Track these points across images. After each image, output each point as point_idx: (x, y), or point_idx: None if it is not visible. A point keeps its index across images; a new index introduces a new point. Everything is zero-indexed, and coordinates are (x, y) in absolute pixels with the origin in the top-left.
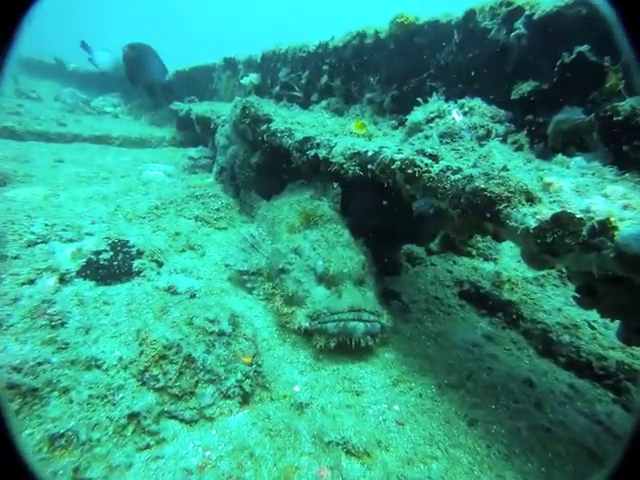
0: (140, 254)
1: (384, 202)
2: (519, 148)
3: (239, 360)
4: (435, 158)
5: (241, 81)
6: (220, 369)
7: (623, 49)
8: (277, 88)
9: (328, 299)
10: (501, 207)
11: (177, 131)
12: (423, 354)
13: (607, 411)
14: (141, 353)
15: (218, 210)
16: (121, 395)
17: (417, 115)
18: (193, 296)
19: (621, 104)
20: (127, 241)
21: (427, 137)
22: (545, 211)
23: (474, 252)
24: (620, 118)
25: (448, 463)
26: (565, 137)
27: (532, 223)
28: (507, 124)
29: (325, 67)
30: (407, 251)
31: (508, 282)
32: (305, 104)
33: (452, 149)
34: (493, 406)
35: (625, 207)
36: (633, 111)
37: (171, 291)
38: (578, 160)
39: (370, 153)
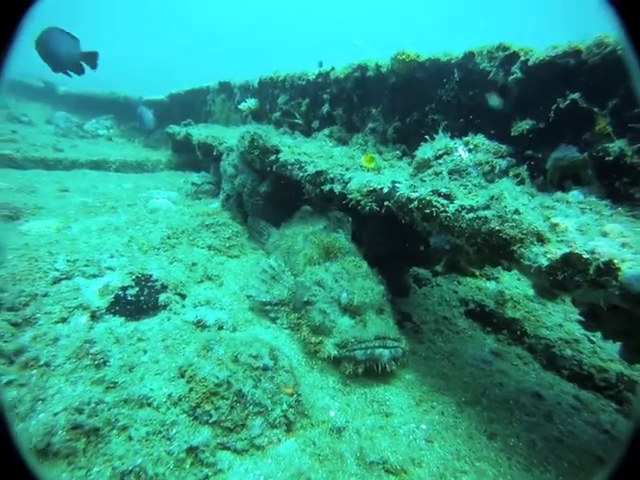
0: (164, 288)
1: (394, 230)
2: (521, 182)
3: (282, 391)
4: (449, 197)
5: (239, 106)
6: (267, 401)
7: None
8: (277, 114)
9: (354, 328)
10: (515, 247)
11: (173, 154)
12: (439, 374)
13: (611, 420)
14: (190, 390)
15: (229, 238)
16: (175, 430)
17: (426, 152)
18: (221, 328)
19: (611, 145)
20: (150, 275)
21: (437, 173)
22: (554, 250)
23: (477, 272)
24: (611, 158)
25: (476, 476)
26: (562, 172)
27: (544, 262)
28: (509, 159)
29: (326, 96)
30: (413, 273)
31: (511, 300)
32: (306, 131)
33: (461, 185)
34: (508, 420)
35: (623, 245)
36: (622, 152)
37: (200, 324)
38: (575, 194)
39: (385, 190)
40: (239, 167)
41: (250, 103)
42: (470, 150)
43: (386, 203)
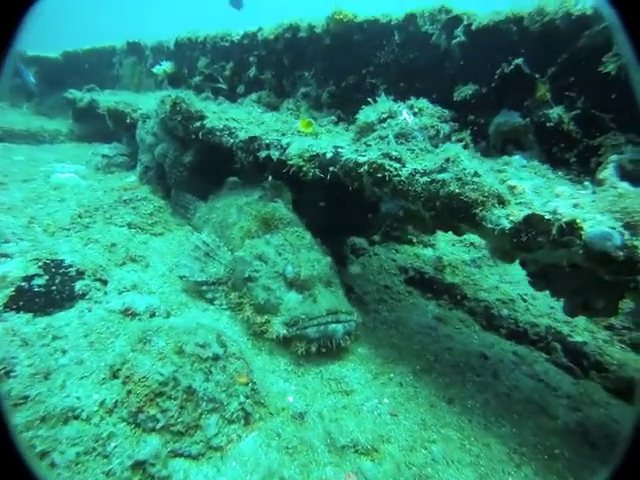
0: (81, 274)
1: (335, 199)
2: (465, 146)
3: (236, 382)
4: (400, 161)
5: (153, 69)
6: (222, 395)
7: (623, 48)
8: (197, 78)
9: (303, 304)
10: (477, 210)
11: (74, 123)
12: (390, 344)
13: (544, 370)
14: (129, 393)
15: (151, 214)
16: (114, 445)
17: (369, 115)
18: (153, 315)
19: (550, 112)
20: (61, 260)
21: (382, 137)
22: (516, 212)
23: (414, 240)
24: (552, 124)
25: (444, 443)
26: (504, 137)
27: (507, 224)
28: (452, 123)
29: (252, 59)
30: (350, 242)
31: (449, 266)
32: (231, 97)
33: (408, 149)
34: (462, 383)
35: (575, 206)
36: (560, 119)
37: (129, 313)
38: (517, 159)
39: (329, 155)
40: (159, 135)
41: (166, 66)
42: (415, 114)
43: (331, 169)
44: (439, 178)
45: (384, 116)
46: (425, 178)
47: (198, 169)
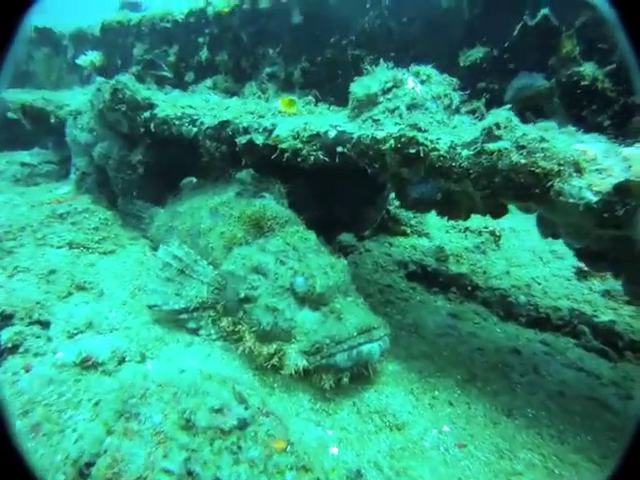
0: (9, 318)
1: (328, 190)
2: (479, 117)
3: (274, 451)
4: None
5: (77, 61)
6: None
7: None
8: (135, 68)
9: (325, 324)
10: (553, 183)
11: None
12: (418, 353)
13: (578, 357)
14: None
15: (97, 229)
16: None
17: (370, 85)
18: (122, 361)
19: (582, 69)
20: None
21: (392, 110)
22: (597, 182)
23: (408, 230)
24: (587, 83)
25: (530, 473)
26: (524, 104)
27: (591, 197)
28: (460, 92)
29: (202, 39)
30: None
31: (452, 255)
32: (179, 86)
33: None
34: (509, 387)
35: None
36: (594, 76)
37: (88, 364)
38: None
39: (333, 133)
40: (97, 132)
41: (93, 57)
42: (422, 82)
43: (340, 149)
44: (492, 148)
45: (388, 86)
46: (466, 151)
47: (150, 170)
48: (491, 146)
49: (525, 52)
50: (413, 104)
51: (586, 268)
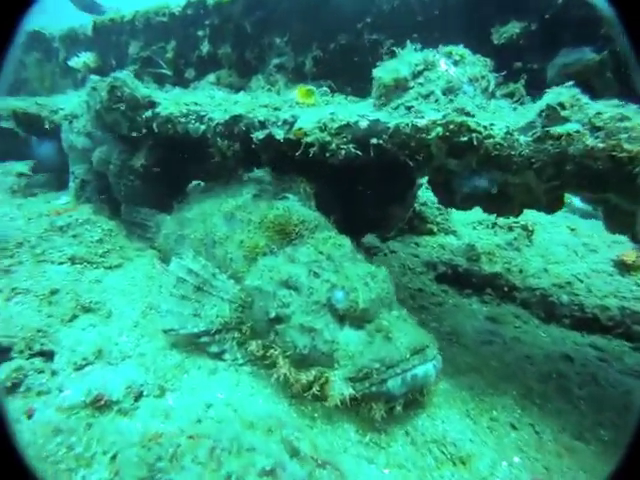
0: (6, 351)
1: (353, 189)
2: (518, 100)
3: None
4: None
5: (69, 63)
6: None
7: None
8: (132, 67)
9: (372, 345)
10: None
11: None
12: (464, 366)
13: (636, 361)
14: None
15: (101, 241)
16: None
17: (399, 69)
18: (139, 397)
19: None
20: None
21: (426, 95)
22: None
23: (435, 228)
24: None
25: None
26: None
27: None
28: (495, 74)
29: (202, 32)
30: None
31: (484, 254)
32: (179, 84)
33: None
34: (570, 402)
35: None
36: None
37: (100, 404)
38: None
39: (365, 124)
40: (95, 136)
41: (86, 58)
42: (455, 63)
43: (374, 141)
44: (559, 132)
45: (419, 69)
46: (523, 137)
47: (154, 174)
48: (558, 129)
49: (570, 25)
50: (449, 88)
51: (626, 260)
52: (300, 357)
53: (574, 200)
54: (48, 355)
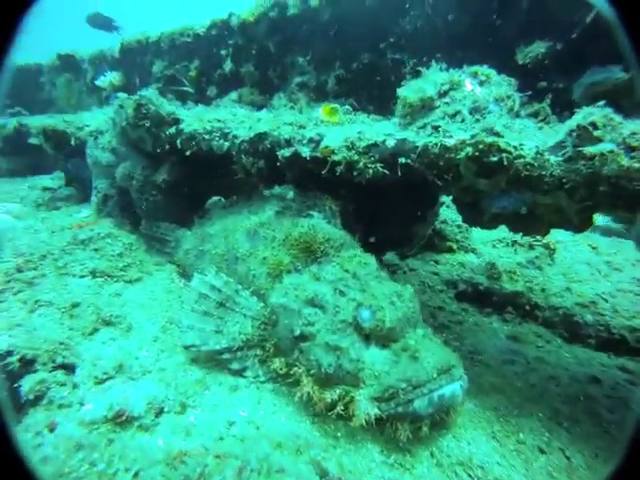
0: (30, 363)
1: (374, 206)
2: (544, 120)
3: None
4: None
5: (96, 82)
6: None
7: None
8: (155, 85)
9: (398, 365)
10: None
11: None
12: (488, 386)
13: None
14: None
15: (121, 255)
16: None
17: (425, 88)
18: (160, 413)
19: None
20: None
21: (452, 115)
22: None
23: (455, 246)
24: None
25: None
26: (596, 101)
27: None
28: (519, 94)
29: (224, 52)
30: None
31: (505, 272)
32: (200, 102)
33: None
34: (600, 426)
35: None
36: None
37: (122, 419)
38: None
39: (392, 142)
40: (119, 152)
41: (112, 77)
42: (481, 83)
43: (402, 160)
44: (592, 152)
45: (445, 88)
46: (553, 157)
47: (176, 190)
48: (591, 149)
49: (597, 44)
50: (475, 107)
51: None
52: (325, 376)
53: (596, 218)
54: (70, 368)
